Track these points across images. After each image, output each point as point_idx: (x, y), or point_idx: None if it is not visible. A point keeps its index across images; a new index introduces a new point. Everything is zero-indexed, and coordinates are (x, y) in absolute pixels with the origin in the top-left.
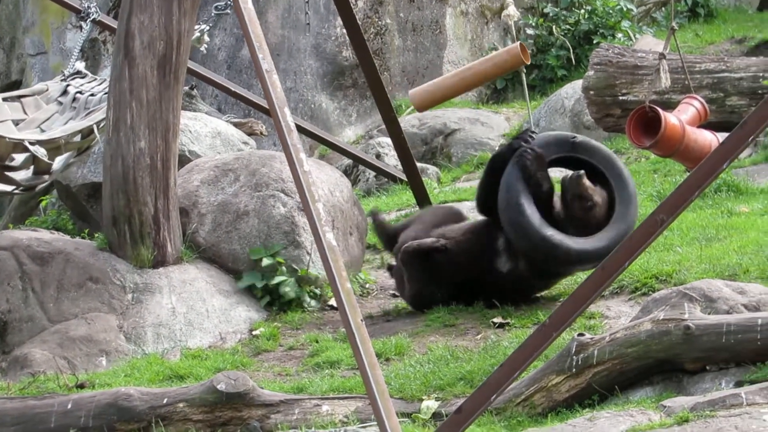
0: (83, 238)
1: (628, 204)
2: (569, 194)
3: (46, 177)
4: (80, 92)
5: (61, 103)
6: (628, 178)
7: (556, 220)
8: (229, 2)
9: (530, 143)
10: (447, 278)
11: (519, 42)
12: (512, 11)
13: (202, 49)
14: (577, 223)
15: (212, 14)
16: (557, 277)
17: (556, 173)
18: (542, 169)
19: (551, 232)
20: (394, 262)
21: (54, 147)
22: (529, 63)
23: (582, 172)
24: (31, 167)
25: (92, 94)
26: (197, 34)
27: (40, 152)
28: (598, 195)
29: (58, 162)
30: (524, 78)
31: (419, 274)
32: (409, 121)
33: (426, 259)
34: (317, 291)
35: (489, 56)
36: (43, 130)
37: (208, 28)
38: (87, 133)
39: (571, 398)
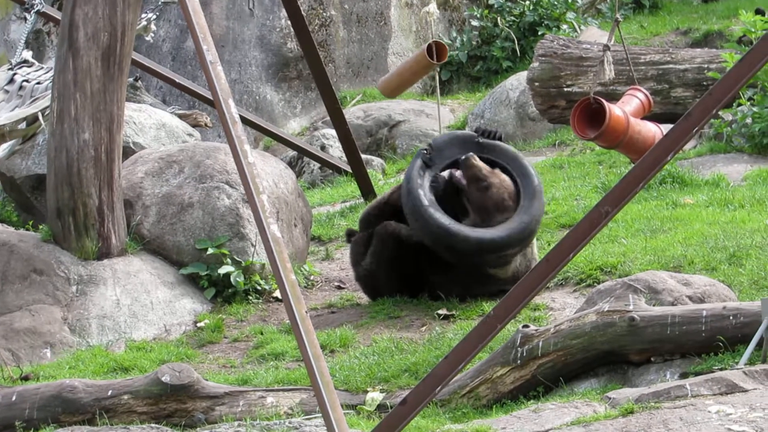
0: (27, 230)
1: (532, 198)
2: (465, 178)
3: None
4: (27, 81)
5: (7, 92)
6: (534, 174)
7: (465, 211)
8: None
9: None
10: (409, 268)
11: (432, 40)
12: (432, 8)
13: (149, 38)
14: (476, 206)
15: (159, 3)
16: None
17: None
18: (441, 164)
19: (448, 221)
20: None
21: None
22: (443, 61)
23: (471, 153)
24: None
25: (39, 83)
26: (144, 23)
27: None
28: (495, 177)
29: (2, 149)
30: (437, 77)
31: (387, 254)
32: (354, 112)
33: (400, 244)
34: (262, 282)
35: (413, 56)
36: None
37: (155, 17)
38: (32, 120)
39: (516, 390)
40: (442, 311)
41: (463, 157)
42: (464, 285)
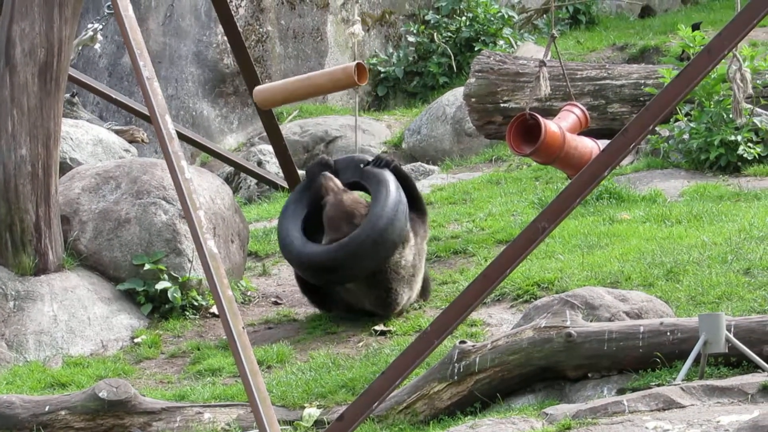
0: None
1: (372, 222)
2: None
3: None
4: None
5: None
6: (384, 200)
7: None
8: None
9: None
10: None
11: (357, 62)
12: (357, 30)
13: (97, 47)
14: (326, 220)
15: (105, 13)
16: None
17: None
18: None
19: (295, 237)
20: None
21: None
22: (364, 83)
23: (325, 173)
24: None
25: None
26: (90, 33)
27: None
28: (343, 194)
29: None
30: (357, 98)
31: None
32: (290, 128)
33: None
34: (199, 298)
35: (328, 70)
36: None
37: (101, 27)
38: None
39: (453, 406)
40: (379, 327)
41: (320, 176)
42: (337, 291)
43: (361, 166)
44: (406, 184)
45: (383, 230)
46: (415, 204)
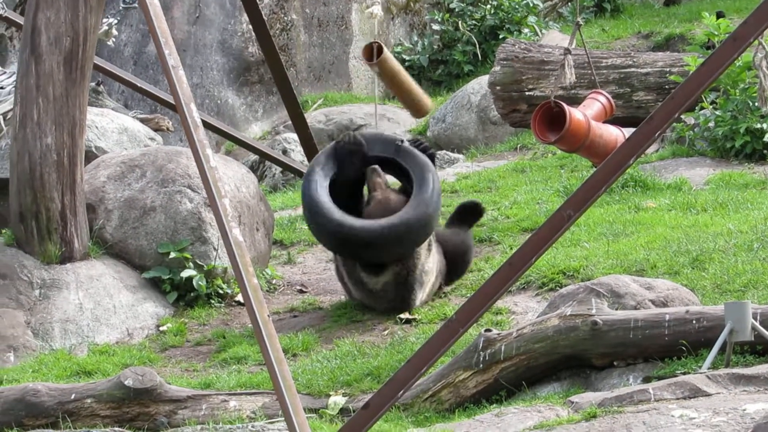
0: None
1: (423, 207)
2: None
3: None
4: None
5: None
6: (429, 186)
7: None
8: None
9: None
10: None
11: (368, 42)
12: (376, 10)
13: (110, 42)
14: (366, 214)
15: (120, 8)
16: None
17: None
18: (355, 157)
19: (332, 209)
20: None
21: None
22: (374, 60)
23: (375, 166)
24: None
25: (1, 87)
26: (105, 27)
27: None
28: (383, 193)
29: None
30: (376, 78)
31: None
32: (315, 116)
33: None
34: (224, 286)
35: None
36: None
37: (116, 21)
38: None
39: (479, 394)
40: (404, 315)
41: (368, 168)
42: (347, 288)
43: (398, 143)
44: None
45: (430, 216)
46: None
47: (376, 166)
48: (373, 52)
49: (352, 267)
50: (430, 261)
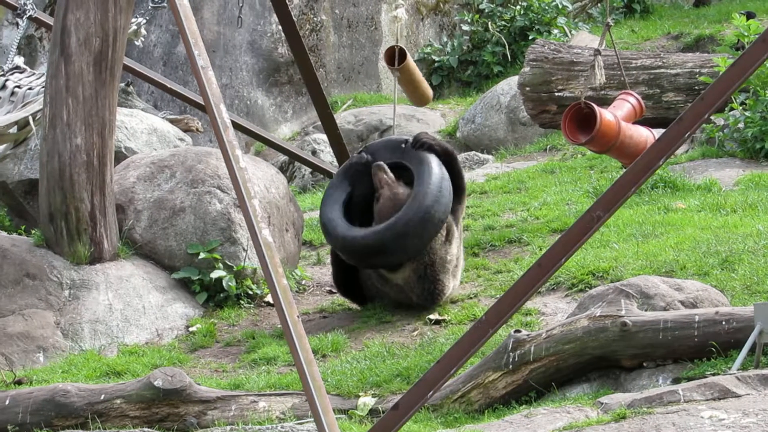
0: (20, 234)
1: (418, 201)
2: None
3: None
4: (19, 86)
5: None
6: (429, 185)
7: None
8: None
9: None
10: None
11: (390, 46)
12: (400, 13)
13: (139, 42)
14: (376, 212)
15: (149, 8)
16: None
17: None
18: (363, 173)
19: (338, 222)
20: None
21: None
22: (398, 66)
23: (380, 162)
24: None
25: (30, 88)
26: (134, 27)
27: None
28: (390, 188)
29: None
30: (395, 80)
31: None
32: (344, 117)
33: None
34: (254, 287)
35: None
36: None
37: (145, 21)
38: (23, 124)
39: (508, 395)
40: (434, 316)
41: (374, 166)
42: (376, 288)
43: (402, 146)
44: (448, 159)
45: (430, 207)
46: (456, 182)
47: (381, 163)
48: (395, 56)
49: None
50: (452, 249)
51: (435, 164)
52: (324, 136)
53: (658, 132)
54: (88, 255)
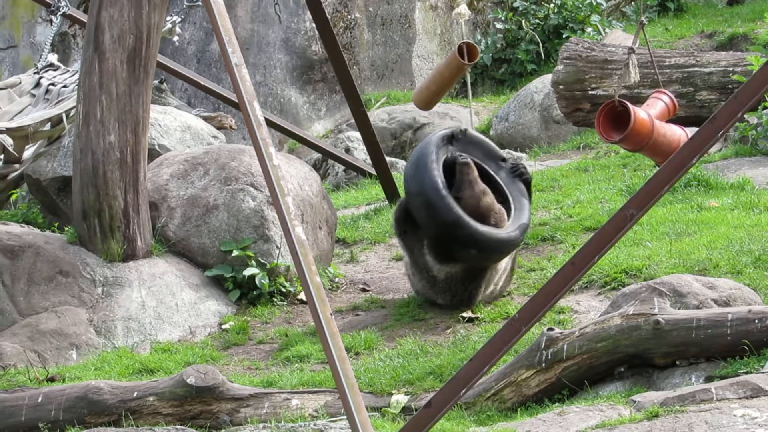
0: (53, 231)
1: (522, 229)
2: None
3: (17, 166)
4: (53, 84)
5: (34, 96)
6: (526, 222)
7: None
8: None
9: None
10: None
11: (461, 42)
12: (463, 10)
13: (174, 40)
14: (466, 207)
15: (184, 6)
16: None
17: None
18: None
19: (464, 216)
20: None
21: (22, 136)
22: (473, 62)
23: (467, 158)
24: (1, 156)
25: (65, 86)
26: (169, 25)
27: (7, 142)
28: (473, 191)
29: (27, 151)
30: (468, 77)
31: None
32: (378, 115)
33: None
34: (287, 285)
35: (443, 62)
36: None
37: (179, 20)
38: (56, 121)
39: (541, 393)
40: (467, 314)
41: (460, 160)
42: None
43: (500, 162)
44: (529, 191)
45: (518, 237)
46: None
47: (468, 160)
48: (464, 52)
49: (419, 251)
50: (504, 260)
51: (528, 200)
52: (357, 134)
53: (691, 131)
54: (122, 252)
